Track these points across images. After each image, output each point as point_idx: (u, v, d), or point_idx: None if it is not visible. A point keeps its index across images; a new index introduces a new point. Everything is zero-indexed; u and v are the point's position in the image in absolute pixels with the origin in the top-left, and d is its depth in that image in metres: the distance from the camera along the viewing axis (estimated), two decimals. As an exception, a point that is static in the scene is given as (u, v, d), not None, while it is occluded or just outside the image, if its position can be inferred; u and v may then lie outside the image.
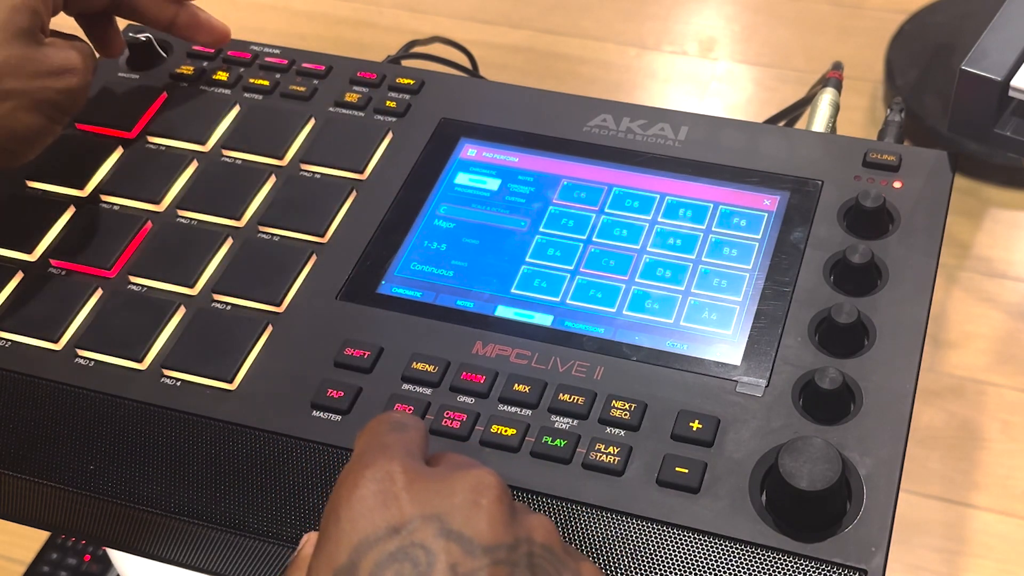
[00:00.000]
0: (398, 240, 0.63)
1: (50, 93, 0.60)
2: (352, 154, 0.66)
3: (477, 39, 1.70)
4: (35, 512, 0.58)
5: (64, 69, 0.60)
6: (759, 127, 0.67)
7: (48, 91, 0.59)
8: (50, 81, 0.59)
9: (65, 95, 0.60)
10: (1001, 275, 1.51)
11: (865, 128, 1.68)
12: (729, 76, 1.78)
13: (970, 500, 1.32)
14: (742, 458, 0.52)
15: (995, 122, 0.62)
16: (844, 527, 0.49)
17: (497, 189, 0.65)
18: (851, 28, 1.82)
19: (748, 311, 0.58)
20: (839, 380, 0.52)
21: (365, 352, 0.57)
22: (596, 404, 0.54)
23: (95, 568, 1.30)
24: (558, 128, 0.68)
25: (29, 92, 0.58)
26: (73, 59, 0.61)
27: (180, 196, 0.66)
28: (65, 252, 0.63)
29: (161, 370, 0.58)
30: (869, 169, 0.63)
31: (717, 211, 0.63)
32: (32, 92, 0.59)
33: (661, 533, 0.50)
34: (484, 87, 0.73)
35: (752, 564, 0.49)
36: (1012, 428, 1.37)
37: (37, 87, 0.59)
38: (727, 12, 1.89)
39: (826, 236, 0.60)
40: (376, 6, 1.94)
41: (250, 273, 0.61)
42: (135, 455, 0.56)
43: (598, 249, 0.62)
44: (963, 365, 1.42)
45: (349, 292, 0.61)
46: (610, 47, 1.84)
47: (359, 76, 0.71)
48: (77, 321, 0.61)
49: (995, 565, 1.27)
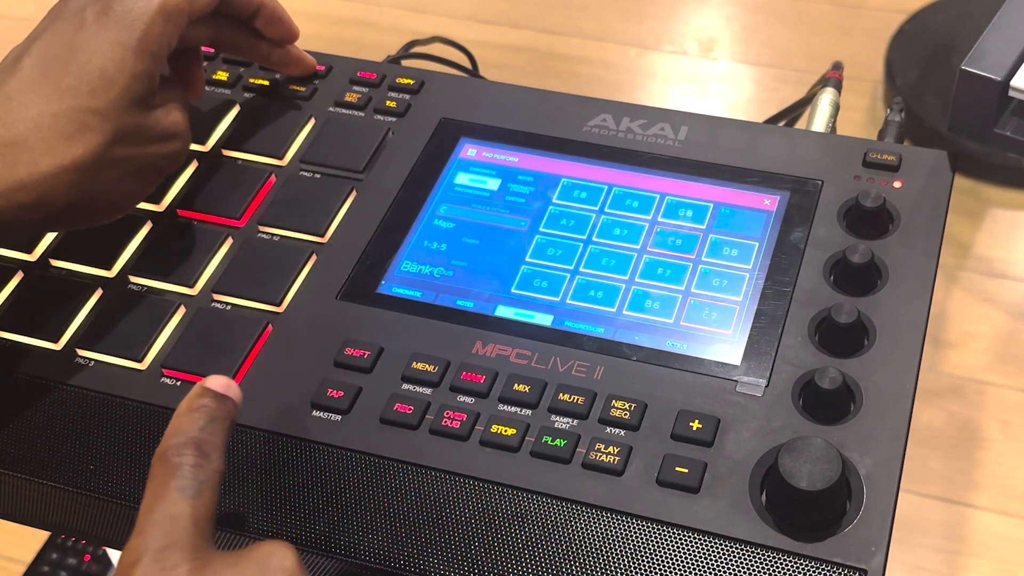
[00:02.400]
0: (398, 240, 0.63)
1: (156, 159, 0.59)
2: (352, 154, 0.66)
3: (477, 39, 1.70)
4: (35, 512, 0.58)
5: (171, 134, 0.59)
6: (759, 127, 0.67)
7: (154, 157, 0.59)
8: (157, 147, 0.58)
9: (168, 159, 0.60)
10: (1001, 275, 1.51)
11: (865, 128, 1.68)
12: (729, 76, 1.78)
13: (970, 500, 1.32)
14: (742, 458, 0.52)
15: (995, 122, 0.62)
16: (844, 527, 0.49)
17: (497, 189, 0.65)
18: (851, 28, 1.82)
19: (748, 311, 0.58)
20: (839, 380, 0.52)
21: (365, 352, 0.57)
22: (596, 404, 0.54)
23: (95, 568, 1.30)
24: (558, 128, 0.67)
25: (137, 159, 0.57)
26: (179, 123, 0.60)
27: (180, 196, 0.66)
28: (65, 252, 0.63)
29: (161, 370, 0.58)
30: (869, 169, 0.63)
31: (717, 211, 0.63)
32: (139, 159, 0.58)
33: (661, 533, 0.50)
34: (484, 87, 0.73)
35: (752, 564, 0.49)
36: (1012, 428, 1.37)
37: (145, 154, 0.58)
38: (727, 12, 1.89)
39: (826, 236, 0.60)
40: (376, 6, 1.94)
41: (250, 273, 0.61)
42: (135, 455, 0.56)
43: (598, 249, 0.62)
44: (963, 365, 1.42)
45: (349, 292, 0.61)
46: (610, 47, 1.84)
47: (359, 76, 0.71)
48: (77, 321, 0.61)
49: (995, 565, 1.27)
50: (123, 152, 0.56)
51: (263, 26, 0.67)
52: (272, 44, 0.69)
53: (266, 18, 0.67)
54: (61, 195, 0.54)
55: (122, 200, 0.59)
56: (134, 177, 0.58)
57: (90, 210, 0.57)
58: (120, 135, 0.56)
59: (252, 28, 0.67)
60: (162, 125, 0.59)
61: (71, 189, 0.55)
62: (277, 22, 0.67)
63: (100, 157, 0.55)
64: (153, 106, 0.58)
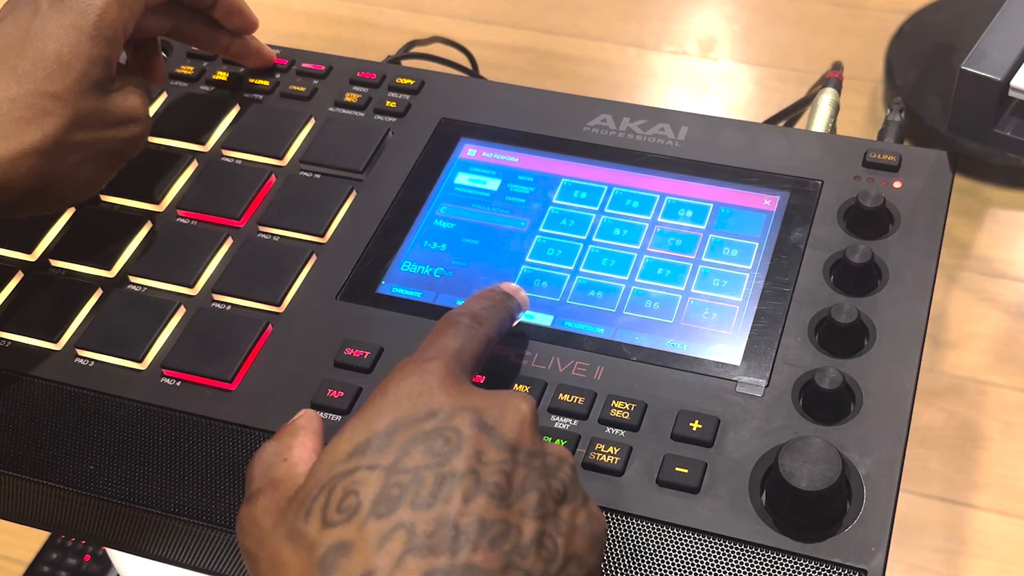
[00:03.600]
0: (398, 240, 0.63)
1: (116, 144, 0.59)
2: (352, 154, 0.66)
3: (477, 39, 1.70)
4: (35, 512, 0.58)
5: (130, 118, 0.60)
6: (759, 127, 0.67)
7: (114, 141, 0.59)
8: (116, 131, 0.59)
9: (128, 144, 0.60)
10: (1001, 275, 1.51)
11: (865, 128, 1.68)
12: (729, 76, 1.78)
13: (970, 500, 1.32)
14: (742, 458, 0.52)
15: (995, 122, 0.62)
16: (844, 527, 0.49)
17: (497, 189, 0.65)
18: (851, 28, 1.82)
19: (748, 311, 0.58)
20: (839, 380, 0.52)
21: (365, 352, 0.57)
22: (596, 404, 0.54)
23: (95, 568, 1.30)
24: (558, 128, 0.67)
25: (96, 143, 0.58)
26: (138, 106, 0.60)
27: (180, 196, 0.66)
28: (65, 252, 0.63)
29: (161, 370, 0.58)
30: (869, 169, 0.63)
31: (717, 211, 0.63)
32: (99, 143, 0.58)
33: (661, 533, 0.50)
34: (484, 87, 0.73)
35: (752, 564, 0.49)
36: (1012, 428, 1.37)
37: (104, 138, 0.58)
38: (727, 12, 1.89)
39: (826, 236, 0.60)
40: (376, 6, 1.94)
41: (250, 273, 0.61)
42: (135, 455, 0.56)
43: (598, 249, 0.62)
44: (963, 365, 1.42)
45: (349, 292, 0.61)
46: (610, 47, 1.84)
47: (359, 76, 0.71)
48: (77, 321, 0.61)
49: (995, 565, 1.27)
50: (82, 136, 0.57)
51: (222, 17, 0.68)
52: (231, 35, 0.69)
53: (225, 8, 0.68)
54: (21, 180, 0.55)
55: (83, 186, 0.59)
56: (94, 162, 0.59)
57: (51, 196, 0.58)
58: (79, 119, 0.57)
59: (211, 19, 0.68)
60: (121, 110, 0.59)
61: (31, 174, 0.55)
62: (236, 13, 0.68)
63: (60, 141, 0.56)
64: (111, 91, 0.59)
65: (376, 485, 0.41)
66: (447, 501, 0.41)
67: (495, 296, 0.53)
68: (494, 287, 0.54)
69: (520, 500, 0.42)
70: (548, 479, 0.44)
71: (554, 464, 0.45)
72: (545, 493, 0.43)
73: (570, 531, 0.43)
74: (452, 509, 0.41)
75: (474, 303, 0.52)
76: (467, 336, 0.49)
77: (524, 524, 0.41)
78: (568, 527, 0.43)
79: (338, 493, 0.42)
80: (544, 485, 0.43)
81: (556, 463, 0.45)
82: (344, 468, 0.42)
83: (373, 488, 0.41)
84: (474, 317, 0.50)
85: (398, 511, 0.41)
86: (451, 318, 0.50)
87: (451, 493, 0.41)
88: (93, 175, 0.59)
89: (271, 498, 0.44)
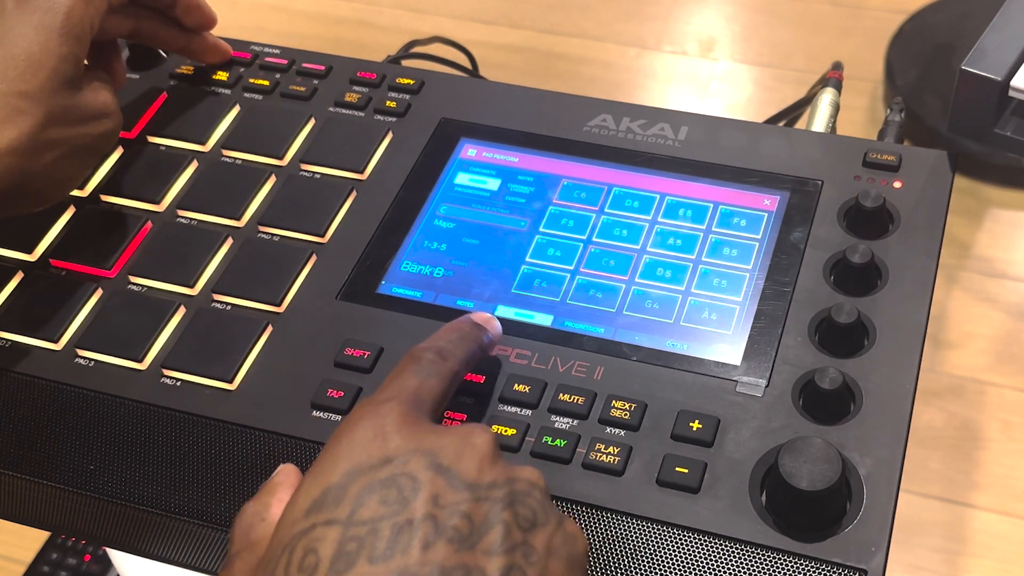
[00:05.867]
0: (398, 240, 0.63)
1: (89, 139, 0.60)
2: (352, 154, 0.66)
3: (477, 39, 1.70)
4: (35, 512, 0.58)
5: (101, 114, 0.60)
6: (759, 127, 0.67)
7: (87, 137, 0.59)
8: (89, 127, 0.59)
9: (101, 139, 0.61)
10: (1001, 275, 1.51)
11: (865, 128, 1.68)
12: (729, 76, 1.78)
13: (970, 500, 1.32)
14: (742, 458, 0.52)
15: (995, 122, 0.62)
16: (844, 527, 0.49)
17: (497, 189, 0.65)
18: (851, 28, 1.82)
19: (748, 311, 0.58)
20: (839, 380, 0.53)
21: (365, 352, 0.57)
22: (596, 404, 0.54)
23: (95, 568, 1.30)
24: (558, 128, 0.68)
25: (70, 140, 0.58)
26: (108, 101, 0.61)
27: (180, 196, 0.66)
28: (65, 252, 0.63)
29: (161, 370, 0.58)
30: (869, 169, 0.63)
31: (717, 211, 0.63)
32: (73, 140, 0.58)
33: (661, 533, 0.50)
34: (484, 87, 0.73)
35: (752, 564, 0.49)
36: (1012, 428, 1.37)
37: (77, 134, 0.59)
38: (727, 12, 1.89)
39: (826, 236, 0.60)
40: (376, 6, 1.94)
41: (250, 273, 0.61)
42: (135, 455, 0.56)
43: (598, 249, 0.62)
44: (963, 365, 1.42)
45: (349, 292, 0.61)
46: (610, 47, 1.84)
47: (359, 76, 0.71)
48: (77, 321, 0.61)
49: (995, 565, 1.27)
50: (56, 134, 0.57)
51: (182, 14, 0.68)
52: (190, 34, 0.70)
53: (184, 6, 0.68)
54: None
55: (59, 183, 0.59)
56: (69, 159, 0.59)
57: (27, 195, 0.58)
58: (52, 116, 0.57)
59: (170, 18, 0.68)
60: (92, 105, 0.59)
61: (8, 173, 0.55)
62: (195, 9, 0.68)
63: (35, 139, 0.56)
64: (81, 87, 0.59)
65: (334, 542, 0.41)
66: (405, 552, 0.40)
67: (464, 328, 0.53)
68: (464, 318, 0.54)
69: (484, 538, 0.41)
70: (514, 507, 0.43)
71: (523, 490, 0.44)
72: (510, 524, 0.42)
73: (544, 557, 0.42)
74: (411, 560, 0.40)
75: (442, 336, 0.51)
76: (428, 372, 0.48)
77: (489, 563, 0.41)
78: (541, 554, 0.42)
79: (298, 553, 0.41)
80: (509, 516, 0.42)
81: (526, 488, 0.44)
82: (303, 526, 0.42)
83: (331, 545, 0.41)
84: (439, 352, 0.50)
85: (356, 566, 0.40)
86: (414, 354, 0.49)
87: (409, 543, 0.40)
88: (69, 172, 0.59)
89: (246, 561, 0.45)
